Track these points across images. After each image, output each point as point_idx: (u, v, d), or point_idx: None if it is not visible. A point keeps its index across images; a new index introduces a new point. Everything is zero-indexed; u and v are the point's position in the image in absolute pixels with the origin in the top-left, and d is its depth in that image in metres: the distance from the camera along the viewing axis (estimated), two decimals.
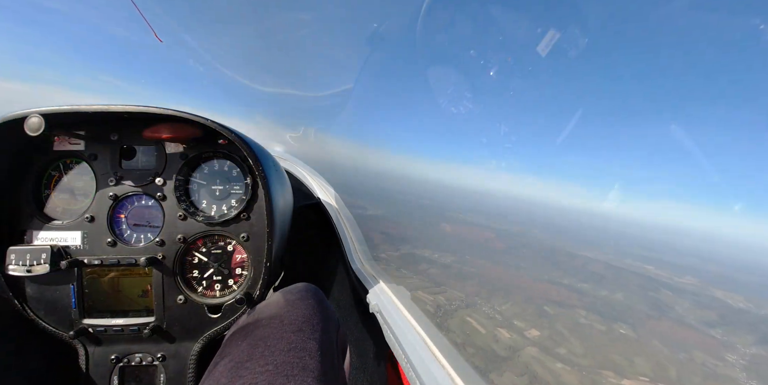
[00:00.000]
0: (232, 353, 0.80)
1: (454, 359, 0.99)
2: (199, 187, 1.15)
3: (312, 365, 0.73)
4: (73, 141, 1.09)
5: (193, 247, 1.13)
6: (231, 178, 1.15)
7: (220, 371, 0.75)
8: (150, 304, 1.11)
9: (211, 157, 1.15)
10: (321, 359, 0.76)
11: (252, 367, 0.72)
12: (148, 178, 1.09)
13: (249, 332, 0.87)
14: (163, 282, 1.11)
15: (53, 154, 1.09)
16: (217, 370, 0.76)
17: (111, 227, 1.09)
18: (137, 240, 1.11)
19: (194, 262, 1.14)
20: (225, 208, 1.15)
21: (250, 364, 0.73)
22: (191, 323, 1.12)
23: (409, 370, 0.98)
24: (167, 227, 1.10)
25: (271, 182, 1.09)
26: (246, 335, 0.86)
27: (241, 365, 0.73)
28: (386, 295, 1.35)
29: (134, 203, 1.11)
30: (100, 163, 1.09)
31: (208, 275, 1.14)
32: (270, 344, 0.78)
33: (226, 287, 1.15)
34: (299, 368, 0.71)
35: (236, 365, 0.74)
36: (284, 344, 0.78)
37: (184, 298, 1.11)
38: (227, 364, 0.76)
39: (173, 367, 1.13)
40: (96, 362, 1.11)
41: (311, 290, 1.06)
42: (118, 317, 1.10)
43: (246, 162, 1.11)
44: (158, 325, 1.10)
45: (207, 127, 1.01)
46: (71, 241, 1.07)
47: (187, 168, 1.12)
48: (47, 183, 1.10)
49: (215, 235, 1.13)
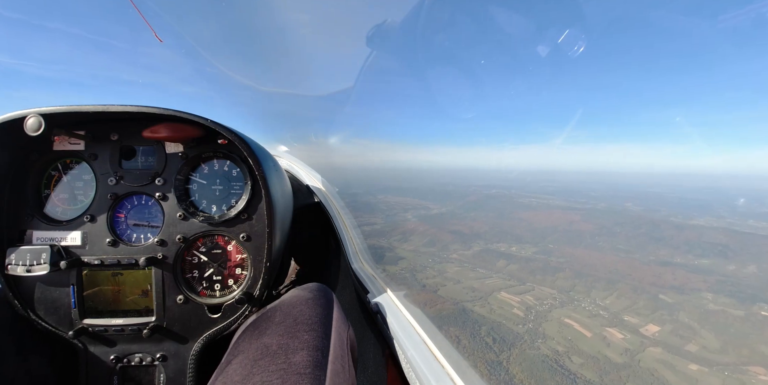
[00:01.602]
0: (245, 351, 0.81)
1: (454, 359, 0.98)
2: (199, 187, 1.15)
3: (325, 364, 0.74)
4: (73, 141, 1.10)
5: (193, 247, 1.14)
6: (231, 178, 1.16)
7: (233, 368, 0.76)
8: (150, 304, 1.11)
9: (211, 157, 1.15)
10: (333, 358, 0.78)
11: (265, 365, 0.72)
12: (148, 178, 1.10)
13: (263, 330, 0.88)
14: (163, 282, 1.11)
15: (53, 154, 1.10)
16: (230, 367, 0.77)
17: (111, 226, 1.10)
18: (137, 240, 1.12)
19: (194, 262, 1.14)
20: (225, 208, 1.15)
21: (264, 362, 0.74)
22: (191, 322, 1.12)
23: (409, 370, 0.98)
24: (167, 226, 1.11)
25: (271, 182, 1.10)
26: (260, 333, 0.87)
27: (255, 363, 0.74)
28: (386, 295, 1.34)
29: (134, 202, 1.12)
30: (100, 163, 1.10)
31: (208, 275, 1.15)
32: (283, 342, 0.79)
33: (226, 286, 1.16)
34: (312, 367, 0.72)
35: (250, 363, 0.75)
36: (298, 343, 0.78)
37: (184, 298, 1.12)
38: (241, 362, 0.77)
39: (173, 367, 1.13)
40: (96, 362, 1.11)
41: (323, 289, 1.08)
42: (118, 317, 1.10)
43: (246, 162, 1.11)
44: (158, 325, 1.10)
45: (207, 127, 1.03)
46: (71, 241, 1.08)
47: (187, 168, 1.13)
48: (47, 183, 1.11)
49: (215, 235, 1.14)
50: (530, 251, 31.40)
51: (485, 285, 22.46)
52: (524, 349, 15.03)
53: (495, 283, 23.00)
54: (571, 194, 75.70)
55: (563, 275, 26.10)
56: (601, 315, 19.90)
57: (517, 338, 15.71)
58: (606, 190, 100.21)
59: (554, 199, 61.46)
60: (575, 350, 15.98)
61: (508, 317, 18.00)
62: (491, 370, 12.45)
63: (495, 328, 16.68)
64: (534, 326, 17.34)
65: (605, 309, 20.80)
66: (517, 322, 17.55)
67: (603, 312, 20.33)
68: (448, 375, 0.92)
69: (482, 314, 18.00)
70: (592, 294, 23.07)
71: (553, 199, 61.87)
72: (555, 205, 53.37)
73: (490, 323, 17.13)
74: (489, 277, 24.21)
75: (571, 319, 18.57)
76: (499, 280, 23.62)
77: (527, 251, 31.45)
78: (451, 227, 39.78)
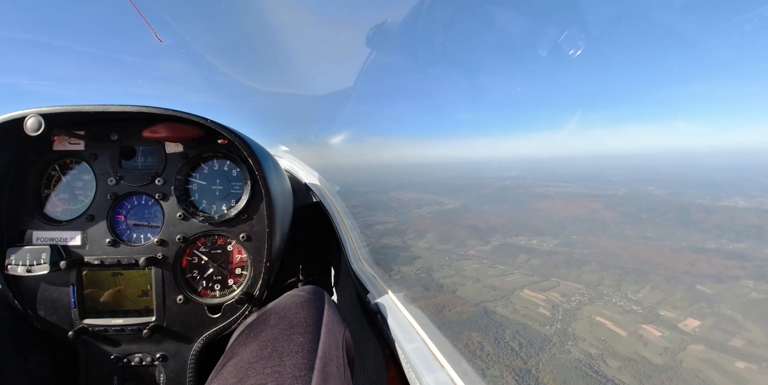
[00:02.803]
0: (240, 354, 0.81)
1: (454, 359, 0.99)
2: (199, 187, 1.16)
3: (320, 366, 0.74)
4: (73, 141, 1.10)
5: (193, 247, 1.15)
6: (231, 178, 1.16)
7: (228, 370, 0.77)
8: (150, 304, 1.12)
9: (211, 157, 1.16)
10: (328, 360, 0.78)
11: (260, 368, 0.73)
12: (148, 178, 1.11)
13: (257, 332, 0.88)
14: (163, 282, 1.12)
15: (53, 154, 1.10)
16: (225, 370, 0.78)
17: (111, 226, 1.11)
18: (137, 240, 1.13)
19: (194, 262, 1.15)
20: (225, 208, 1.16)
21: (259, 365, 0.74)
22: (191, 322, 1.13)
23: (409, 370, 0.99)
24: (167, 226, 1.12)
25: (271, 182, 1.10)
26: (254, 335, 0.87)
27: (249, 366, 0.75)
28: (386, 295, 1.36)
29: (134, 202, 1.13)
30: (100, 163, 1.11)
31: (208, 275, 1.16)
32: (278, 345, 0.80)
33: (226, 286, 1.17)
34: (307, 370, 0.72)
35: (245, 365, 0.75)
36: (292, 346, 0.79)
37: (184, 298, 1.13)
38: (235, 364, 0.77)
39: (173, 367, 1.14)
40: (96, 362, 1.12)
41: (318, 292, 1.09)
42: (118, 317, 1.11)
43: (246, 162, 1.12)
44: (158, 325, 1.11)
45: (207, 127, 1.03)
46: (71, 241, 1.09)
47: (187, 168, 1.14)
48: (47, 183, 1.12)
49: (215, 235, 1.15)
50: (552, 244, 30.15)
51: (506, 283, 21.43)
52: (554, 353, 14.02)
53: (517, 280, 21.95)
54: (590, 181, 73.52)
55: (589, 268, 24.83)
56: (635, 311, 18.63)
57: (545, 342, 14.69)
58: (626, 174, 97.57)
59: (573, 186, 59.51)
60: (610, 352, 14.88)
61: (534, 317, 16.96)
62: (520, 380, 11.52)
63: (520, 331, 15.68)
64: (563, 326, 16.26)
65: (638, 304, 19.49)
66: (544, 323, 16.50)
67: (636, 307, 19.03)
68: (448, 375, 0.93)
69: (505, 315, 17.01)
70: (623, 288, 21.79)
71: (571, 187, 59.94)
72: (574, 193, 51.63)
73: (515, 325, 16.13)
74: (510, 273, 23.14)
75: (602, 317, 17.40)
76: (521, 276, 22.50)
77: (549, 243, 30.21)
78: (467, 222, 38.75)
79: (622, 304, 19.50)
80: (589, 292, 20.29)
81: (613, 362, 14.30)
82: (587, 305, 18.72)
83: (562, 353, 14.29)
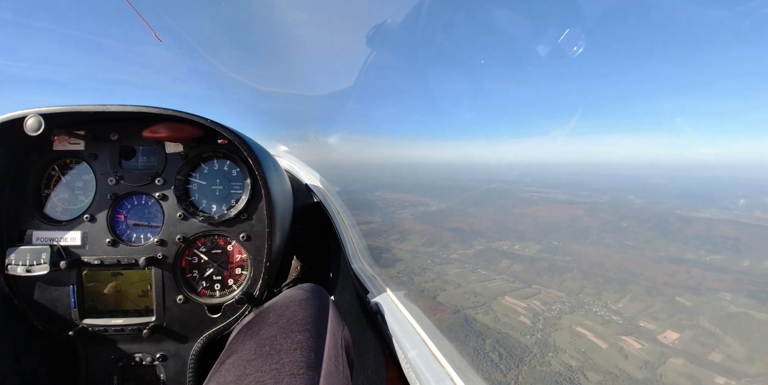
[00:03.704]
0: (238, 352, 0.81)
1: (454, 359, 0.98)
2: (199, 187, 1.15)
3: (318, 364, 0.74)
4: (73, 141, 1.10)
5: (192, 246, 1.14)
6: (231, 178, 1.16)
7: (226, 368, 0.76)
8: (150, 304, 1.12)
9: (211, 157, 1.16)
10: (327, 358, 0.78)
11: (258, 365, 0.72)
12: (148, 178, 1.11)
13: (256, 331, 0.88)
14: (163, 282, 1.11)
15: (53, 154, 1.10)
16: (223, 368, 0.77)
17: (111, 226, 1.10)
18: (137, 240, 1.12)
19: (194, 262, 1.15)
20: (225, 208, 1.15)
21: (257, 362, 0.74)
22: (191, 322, 1.13)
23: (409, 370, 0.99)
24: (167, 226, 1.11)
25: (270, 182, 1.10)
26: (253, 334, 0.87)
27: (248, 364, 0.74)
28: (386, 295, 1.35)
29: (134, 202, 1.13)
30: (100, 163, 1.10)
31: (208, 275, 1.15)
32: (277, 343, 0.79)
33: (226, 286, 1.16)
34: (306, 368, 0.71)
35: (243, 363, 0.75)
36: (291, 344, 0.78)
37: (184, 297, 1.12)
38: (234, 362, 0.77)
39: (173, 367, 1.14)
40: (96, 362, 1.12)
41: (317, 290, 1.07)
42: (117, 317, 1.10)
43: (246, 162, 1.12)
44: (158, 325, 1.10)
45: (207, 127, 1.03)
46: (71, 241, 1.08)
47: (187, 168, 1.13)
48: (47, 183, 1.11)
49: (215, 235, 1.14)
50: (534, 249, 29.95)
51: (488, 289, 20.96)
52: (534, 365, 13.52)
53: (498, 286, 21.52)
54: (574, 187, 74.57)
55: (571, 275, 24.65)
56: (615, 321, 18.39)
57: (525, 352, 14.20)
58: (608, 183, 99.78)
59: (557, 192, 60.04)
60: (590, 365, 14.48)
61: (515, 326, 16.47)
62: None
63: (501, 340, 15.12)
64: (543, 336, 15.83)
65: (619, 314, 19.28)
66: (525, 332, 16.04)
67: (617, 317, 18.80)
68: (448, 375, 0.92)
69: (486, 323, 16.47)
70: (603, 297, 21.62)
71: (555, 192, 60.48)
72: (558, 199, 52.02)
73: (495, 334, 15.59)
74: (492, 279, 22.70)
75: (583, 327, 17.05)
76: (503, 282, 22.08)
77: (531, 249, 30.01)
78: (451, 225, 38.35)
79: (602, 313, 19.24)
80: (570, 300, 20.00)
81: (593, 375, 13.90)
82: (568, 314, 18.38)
83: (542, 365, 13.82)
